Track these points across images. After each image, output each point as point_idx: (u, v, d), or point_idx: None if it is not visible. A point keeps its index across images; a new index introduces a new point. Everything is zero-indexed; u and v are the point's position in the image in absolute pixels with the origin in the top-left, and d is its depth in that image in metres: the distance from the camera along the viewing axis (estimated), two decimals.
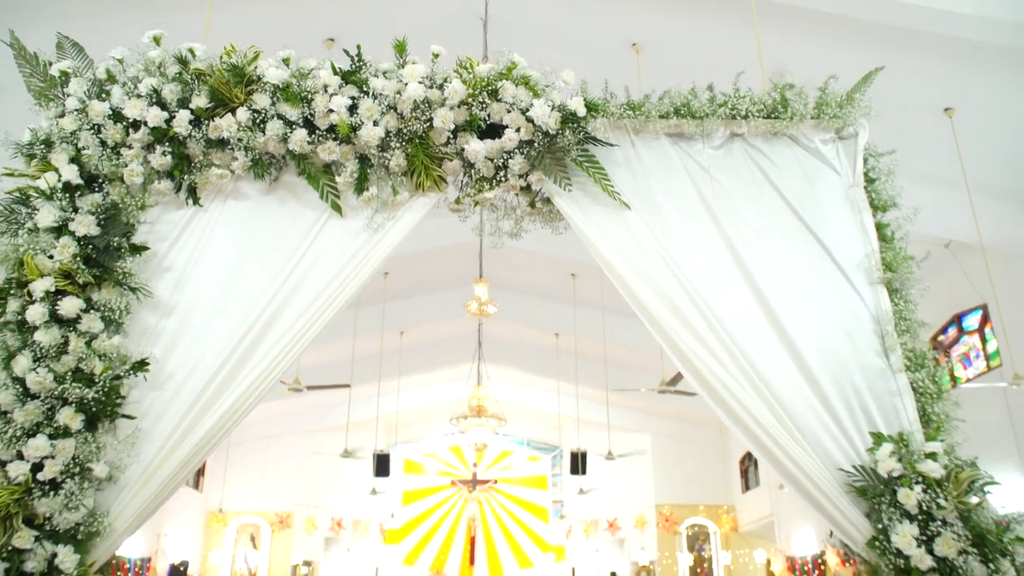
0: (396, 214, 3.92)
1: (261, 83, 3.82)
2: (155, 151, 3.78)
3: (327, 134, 3.84)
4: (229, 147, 3.85)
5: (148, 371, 3.49)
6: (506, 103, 3.83)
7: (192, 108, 3.79)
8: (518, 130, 3.82)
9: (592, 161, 3.93)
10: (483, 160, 3.86)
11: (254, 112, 3.80)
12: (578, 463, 16.82)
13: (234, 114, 3.80)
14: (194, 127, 3.79)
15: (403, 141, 3.85)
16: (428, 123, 3.83)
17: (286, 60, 3.89)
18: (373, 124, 3.80)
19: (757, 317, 3.83)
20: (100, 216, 3.62)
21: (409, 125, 3.83)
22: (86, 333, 3.40)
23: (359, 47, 3.93)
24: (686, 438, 18.72)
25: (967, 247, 9.74)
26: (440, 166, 3.92)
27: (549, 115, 3.77)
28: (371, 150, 3.85)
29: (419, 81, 3.81)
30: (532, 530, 20.68)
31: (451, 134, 3.85)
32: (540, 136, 3.83)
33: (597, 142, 3.95)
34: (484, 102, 3.84)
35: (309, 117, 3.83)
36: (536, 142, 3.85)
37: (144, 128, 3.76)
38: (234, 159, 3.87)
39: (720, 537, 18.43)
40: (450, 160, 3.92)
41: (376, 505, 19.96)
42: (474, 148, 3.83)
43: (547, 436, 21.20)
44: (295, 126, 3.81)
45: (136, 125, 3.77)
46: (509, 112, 3.83)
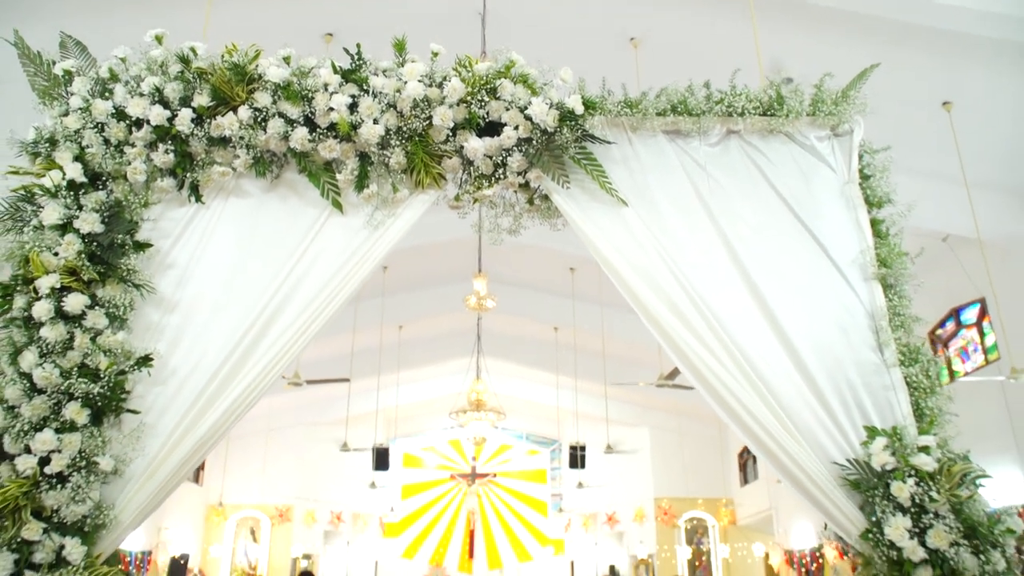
0: (396, 211, 3.95)
1: (262, 82, 3.84)
2: (158, 149, 3.81)
3: (328, 132, 3.87)
4: (231, 145, 3.88)
5: (152, 367, 3.53)
6: (504, 101, 3.86)
7: (194, 106, 3.81)
8: (516, 128, 3.85)
9: (590, 158, 3.96)
10: (482, 158, 3.89)
11: (255, 110, 3.82)
12: (577, 457, 16.87)
13: (236, 112, 3.83)
14: (196, 125, 3.82)
15: (403, 139, 3.87)
16: (427, 121, 3.85)
17: (286, 59, 3.91)
18: (373, 122, 3.82)
19: (753, 313, 3.87)
20: (104, 213, 3.65)
21: (409, 123, 3.85)
22: (91, 329, 3.44)
23: (359, 46, 3.95)
24: (684, 432, 18.71)
25: (965, 241, 9.71)
26: (439, 163, 3.95)
27: (547, 113, 3.80)
28: (371, 148, 3.87)
29: (418, 79, 3.84)
30: (531, 523, 20.67)
31: (450, 132, 3.88)
32: (538, 134, 3.86)
33: (595, 139, 3.98)
34: (483, 100, 3.86)
35: (310, 115, 3.85)
36: (534, 140, 3.88)
37: (147, 126, 3.79)
38: (236, 157, 3.90)
39: (718, 530, 18.47)
40: (449, 157, 3.95)
41: (375, 499, 20.02)
42: (473, 146, 3.86)
43: (546, 430, 21.21)
44: (296, 124, 3.84)
45: (139, 123, 3.80)
46: (508, 110, 3.86)
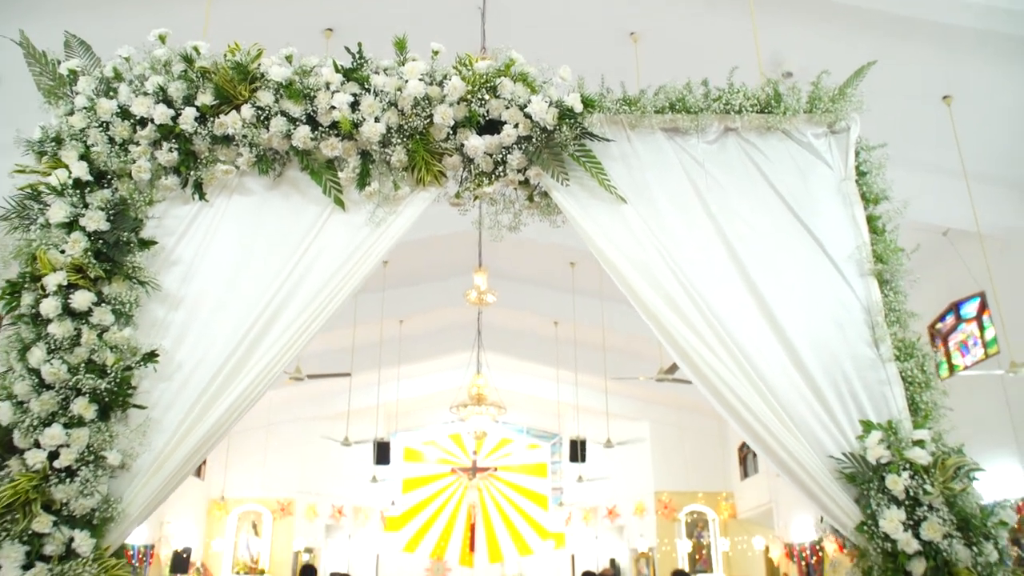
0: (397, 208, 3.98)
1: (264, 80, 3.87)
2: (162, 148, 3.84)
3: (329, 130, 3.90)
4: (234, 143, 3.91)
5: (158, 362, 3.57)
6: (504, 99, 3.89)
7: (198, 105, 3.85)
8: (516, 126, 3.88)
9: (589, 156, 3.99)
10: (482, 155, 3.92)
11: (258, 109, 3.85)
12: (577, 451, 16.87)
13: (239, 111, 3.86)
14: (200, 124, 3.86)
15: (404, 137, 3.91)
16: (428, 119, 3.88)
17: (288, 58, 3.95)
18: (374, 120, 3.85)
19: (750, 309, 3.90)
20: (109, 211, 3.69)
21: (410, 121, 3.88)
22: (98, 325, 3.48)
23: (360, 45, 3.98)
24: (685, 426, 18.74)
25: (965, 235, 9.71)
26: (440, 161, 3.98)
27: (546, 111, 3.83)
28: (373, 146, 3.91)
29: (419, 78, 3.87)
30: (532, 517, 20.73)
31: (451, 130, 3.90)
32: (538, 132, 3.89)
33: (594, 137, 4.01)
34: (483, 98, 3.89)
35: (312, 114, 3.89)
36: (534, 138, 3.91)
37: (151, 125, 3.82)
38: (239, 155, 3.93)
39: (719, 524, 18.49)
40: (450, 155, 3.98)
41: (376, 492, 20.05)
42: (473, 144, 3.89)
43: (546, 424, 21.25)
44: (298, 123, 3.87)
45: (143, 122, 3.83)
46: (507, 108, 3.89)
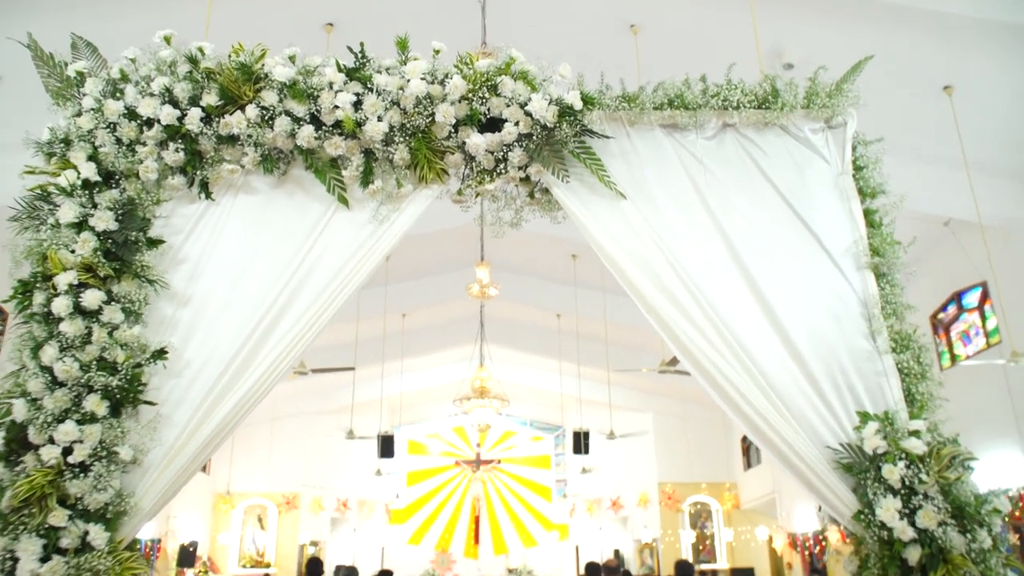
0: (400, 206, 4.03)
1: (268, 81, 3.93)
2: (168, 148, 3.89)
3: (333, 129, 3.96)
4: (239, 143, 3.97)
5: (167, 359, 3.64)
6: (505, 98, 3.94)
7: (203, 106, 3.90)
8: (517, 124, 3.94)
9: (589, 153, 4.04)
10: (483, 153, 3.97)
11: (263, 109, 3.91)
12: (581, 442, 16.89)
13: (243, 111, 3.90)
14: (205, 124, 3.91)
15: (406, 135, 3.96)
16: (430, 118, 3.94)
17: (292, 58, 4.00)
18: (377, 119, 3.90)
19: (749, 302, 3.96)
20: (118, 211, 3.75)
21: (412, 120, 3.93)
22: (108, 324, 3.54)
23: (363, 44, 4.03)
24: (688, 417, 18.75)
25: (966, 225, 9.68)
26: (442, 159, 4.03)
27: (547, 109, 3.88)
28: (375, 144, 3.96)
29: (421, 77, 3.92)
30: (536, 509, 20.85)
31: (452, 128, 3.95)
32: (538, 129, 3.94)
33: (593, 134, 4.06)
34: (484, 97, 3.94)
35: (315, 113, 3.94)
36: (534, 135, 3.96)
37: (158, 126, 3.87)
38: (244, 154, 3.98)
39: (722, 514, 18.56)
40: (452, 153, 4.03)
41: (381, 486, 20.13)
42: (475, 142, 3.94)
43: (550, 416, 21.28)
44: (302, 122, 3.93)
45: (150, 123, 3.89)
46: (508, 106, 3.94)
